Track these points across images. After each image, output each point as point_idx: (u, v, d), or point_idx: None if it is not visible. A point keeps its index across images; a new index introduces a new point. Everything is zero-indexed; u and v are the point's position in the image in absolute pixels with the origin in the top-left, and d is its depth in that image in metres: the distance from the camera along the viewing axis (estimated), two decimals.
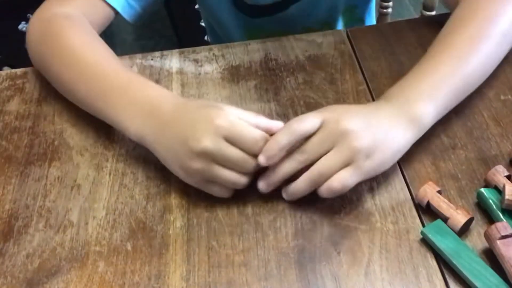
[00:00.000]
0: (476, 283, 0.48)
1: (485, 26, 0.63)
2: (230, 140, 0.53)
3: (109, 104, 0.61)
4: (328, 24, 0.92)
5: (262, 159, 0.53)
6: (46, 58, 0.68)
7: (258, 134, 0.54)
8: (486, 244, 0.52)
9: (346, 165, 0.52)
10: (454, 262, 0.50)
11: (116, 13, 0.75)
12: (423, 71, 0.60)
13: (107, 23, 0.75)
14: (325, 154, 0.53)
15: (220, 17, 0.93)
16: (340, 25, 0.93)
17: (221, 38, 0.99)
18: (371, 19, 1.00)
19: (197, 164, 0.54)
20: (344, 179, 0.52)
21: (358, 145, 0.52)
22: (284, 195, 0.57)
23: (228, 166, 0.54)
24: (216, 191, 0.57)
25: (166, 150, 0.57)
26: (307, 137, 0.54)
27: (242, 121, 0.54)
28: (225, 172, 0.54)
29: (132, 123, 0.59)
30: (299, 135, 0.53)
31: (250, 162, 0.54)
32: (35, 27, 0.70)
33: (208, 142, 0.53)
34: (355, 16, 0.93)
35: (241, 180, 0.55)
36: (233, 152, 0.53)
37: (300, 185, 0.55)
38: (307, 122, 0.54)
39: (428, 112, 0.58)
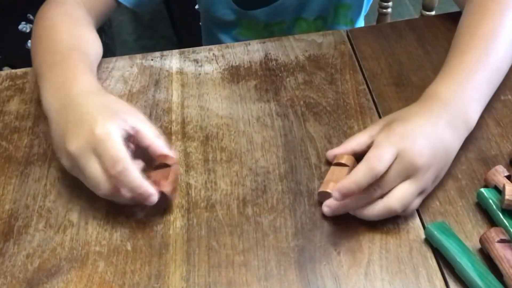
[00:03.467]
0: (479, 282, 0.48)
1: (505, 14, 0.63)
2: (96, 153, 0.53)
3: (40, 78, 0.63)
4: (321, 18, 0.92)
5: (337, 196, 0.51)
6: (33, 33, 0.72)
7: (120, 156, 0.52)
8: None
9: (419, 193, 0.54)
10: (459, 260, 0.50)
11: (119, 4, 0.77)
12: (463, 70, 0.60)
13: (110, 11, 0.78)
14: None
15: (214, 11, 0.93)
16: (332, 22, 0.93)
17: (215, 39, 0.99)
18: (360, 22, 1.00)
19: (65, 161, 0.56)
20: (416, 206, 0.55)
21: (431, 176, 0.54)
22: (354, 214, 0.55)
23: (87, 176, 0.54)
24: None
25: (53, 133, 0.57)
26: None
27: (117, 140, 0.53)
28: (86, 178, 0.54)
29: (44, 97, 0.61)
30: (379, 175, 0.52)
31: (101, 188, 0.53)
32: (42, 8, 0.74)
33: (74, 149, 0.53)
34: (347, 17, 0.94)
35: (100, 190, 0.54)
36: (90, 170, 0.53)
37: (376, 213, 0.53)
38: (386, 160, 0.52)
39: (477, 112, 0.59)
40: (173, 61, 0.75)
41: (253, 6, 0.90)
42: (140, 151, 0.56)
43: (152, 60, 0.75)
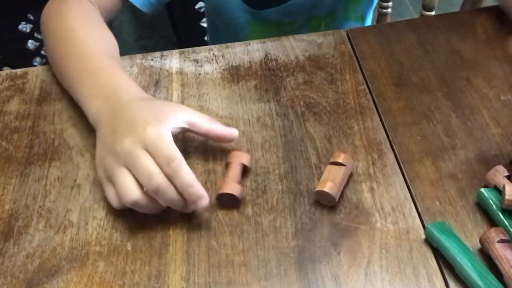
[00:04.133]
0: (479, 282, 0.48)
1: None
2: (149, 152, 0.52)
3: (80, 85, 0.63)
4: (332, 14, 0.92)
5: None
6: (47, 33, 0.72)
7: (175, 153, 0.53)
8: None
9: None
10: (459, 260, 0.50)
11: (126, 0, 0.78)
12: None
13: (116, 9, 0.78)
14: None
15: (225, 13, 0.93)
16: (342, 18, 0.93)
17: (224, 39, 0.99)
18: (369, 19, 1.00)
19: (109, 160, 0.54)
20: None
21: None
22: None
23: (134, 175, 0.52)
24: (109, 194, 0.55)
25: (102, 136, 0.57)
26: None
27: (170, 140, 0.53)
28: (125, 179, 0.52)
29: (91, 105, 0.61)
30: None
31: (154, 178, 0.51)
32: (48, 6, 0.74)
33: (126, 144, 0.53)
34: (357, 13, 0.94)
35: (133, 194, 0.52)
36: (144, 162, 0.52)
37: None
38: None
39: None
40: (173, 61, 0.75)
41: (265, 6, 0.90)
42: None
43: (152, 60, 0.75)
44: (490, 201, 0.54)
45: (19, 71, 0.75)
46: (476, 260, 0.50)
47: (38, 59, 1.52)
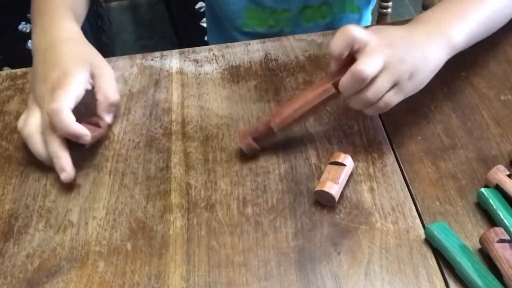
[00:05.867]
0: (479, 282, 0.48)
1: None
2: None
3: (34, 23, 0.70)
4: (327, 4, 0.92)
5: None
6: None
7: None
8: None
9: (392, 86, 0.56)
10: (459, 260, 0.50)
11: None
12: (451, 2, 0.64)
13: None
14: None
15: (223, 2, 0.92)
16: (338, 9, 0.93)
17: (222, 28, 0.99)
18: (368, 13, 1.00)
19: (32, 94, 0.63)
20: (390, 100, 0.57)
21: (404, 69, 0.56)
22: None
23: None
24: (22, 117, 0.63)
25: (34, 70, 0.65)
26: None
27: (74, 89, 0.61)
28: (33, 113, 0.61)
29: (33, 37, 0.68)
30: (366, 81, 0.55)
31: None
32: None
33: (38, 90, 0.62)
34: (353, 4, 0.93)
35: (31, 127, 0.61)
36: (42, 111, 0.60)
37: (353, 105, 0.58)
38: (374, 69, 0.54)
39: (459, 32, 0.61)
40: (173, 61, 0.75)
41: None
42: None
43: (152, 60, 0.75)
44: (490, 201, 0.54)
45: (19, 71, 0.75)
46: (476, 260, 0.50)
47: None
